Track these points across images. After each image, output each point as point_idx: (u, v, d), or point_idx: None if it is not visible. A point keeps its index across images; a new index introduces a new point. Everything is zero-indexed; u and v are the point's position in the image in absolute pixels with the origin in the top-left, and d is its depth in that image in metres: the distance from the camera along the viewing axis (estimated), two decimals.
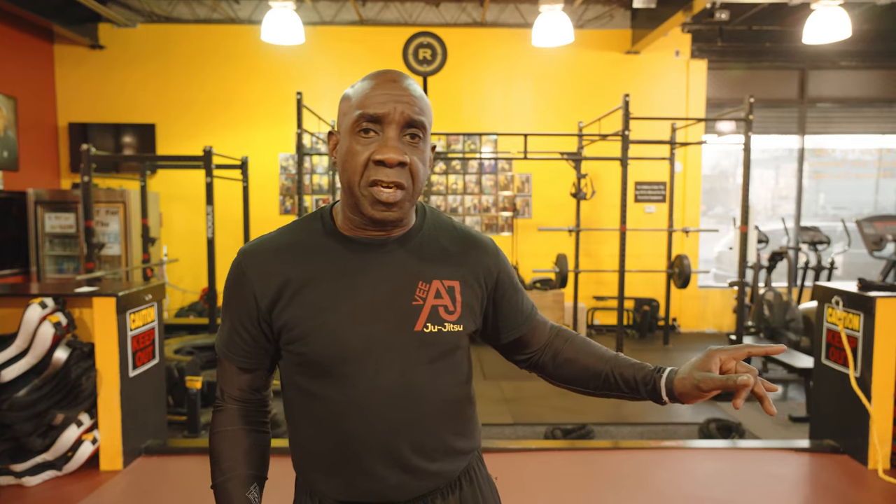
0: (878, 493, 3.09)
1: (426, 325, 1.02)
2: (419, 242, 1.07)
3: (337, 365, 1.00)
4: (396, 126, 0.96)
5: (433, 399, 1.04)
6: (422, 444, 1.04)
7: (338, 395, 1.01)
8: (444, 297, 1.05)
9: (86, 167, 5.17)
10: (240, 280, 1.04)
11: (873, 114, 7.94)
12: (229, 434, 1.08)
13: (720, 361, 0.99)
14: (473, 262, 1.10)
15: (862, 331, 3.29)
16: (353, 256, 1.03)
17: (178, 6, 7.30)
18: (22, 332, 3.00)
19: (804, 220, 8.03)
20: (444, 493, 1.08)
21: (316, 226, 1.07)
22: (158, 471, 3.29)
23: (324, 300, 1.00)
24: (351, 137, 0.98)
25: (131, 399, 3.28)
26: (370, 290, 1.01)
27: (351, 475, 1.03)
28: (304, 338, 1.00)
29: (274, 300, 1.01)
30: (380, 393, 1.01)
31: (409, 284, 1.03)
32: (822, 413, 3.70)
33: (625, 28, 7.52)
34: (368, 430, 1.01)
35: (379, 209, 0.97)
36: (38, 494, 2.99)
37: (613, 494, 3.10)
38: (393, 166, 0.96)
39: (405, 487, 1.04)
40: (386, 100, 0.96)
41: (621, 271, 5.31)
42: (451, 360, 1.07)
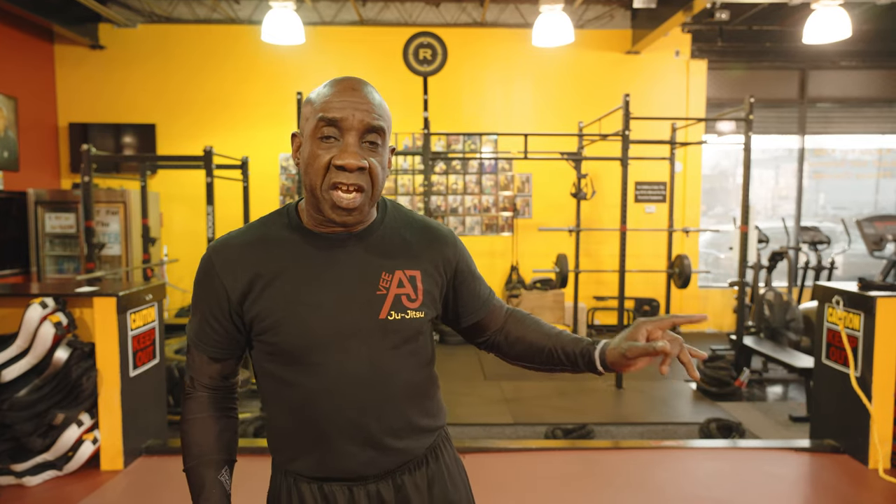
0: (878, 492, 3.09)
1: (390, 312, 1.09)
2: (381, 236, 1.13)
3: (307, 353, 1.06)
4: (356, 132, 1.02)
5: (398, 381, 1.11)
6: (389, 423, 1.11)
7: (309, 380, 1.07)
8: (406, 286, 1.11)
9: (86, 167, 5.17)
10: (210, 274, 1.09)
11: (873, 114, 7.94)
12: (200, 420, 1.13)
13: (647, 332, 1.07)
14: (433, 252, 1.16)
15: (862, 330, 3.29)
16: (319, 251, 1.09)
17: (178, 6, 7.30)
18: (22, 332, 3.00)
19: (804, 220, 8.03)
20: (412, 469, 1.15)
21: (283, 221, 1.12)
22: (159, 471, 3.29)
23: (293, 292, 1.06)
24: (312, 142, 1.03)
25: (132, 399, 3.28)
26: (336, 282, 1.07)
27: (323, 454, 1.09)
28: (276, 328, 1.06)
29: (244, 293, 1.07)
30: (348, 378, 1.07)
31: (372, 275, 1.09)
32: (822, 413, 3.70)
33: (625, 28, 7.52)
34: (338, 412, 1.07)
35: (339, 213, 1.03)
36: (39, 494, 2.99)
37: (614, 494, 3.10)
38: (353, 171, 1.01)
39: (374, 463, 1.11)
40: (345, 106, 1.01)
41: (621, 271, 5.31)
42: (414, 344, 1.13)
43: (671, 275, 6.88)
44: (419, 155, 5.90)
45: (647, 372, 5.82)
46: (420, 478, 1.15)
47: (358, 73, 4.87)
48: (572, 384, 5.35)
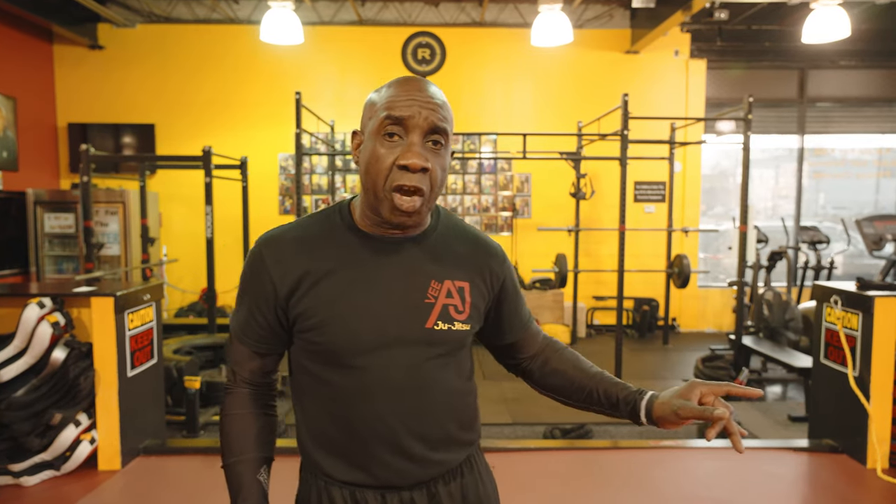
0: (876, 492, 3.09)
1: (437, 322, 1.07)
2: (433, 243, 1.11)
3: (350, 355, 1.04)
4: (420, 131, 0.99)
5: (438, 393, 1.09)
6: (426, 434, 1.08)
7: (348, 383, 1.05)
8: (454, 297, 1.09)
9: (85, 167, 5.17)
10: (258, 268, 1.07)
11: (873, 113, 7.93)
12: (240, 417, 1.12)
13: (700, 393, 1.04)
14: (483, 265, 1.14)
15: (860, 330, 3.29)
16: (370, 252, 1.07)
17: (177, 6, 7.30)
18: (20, 332, 3.00)
19: (805, 219, 8.03)
20: (446, 480, 1.13)
21: (335, 220, 1.10)
22: (157, 471, 3.29)
23: (341, 292, 1.04)
24: (376, 140, 1.00)
25: (129, 399, 3.28)
26: (385, 286, 1.05)
27: (357, 459, 1.07)
28: (320, 327, 1.04)
29: (292, 289, 1.05)
30: (389, 384, 1.05)
31: (422, 283, 1.07)
32: (820, 413, 3.70)
33: (624, 28, 7.52)
34: (376, 418, 1.05)
35: (397, 215, 1.01)
36: (36, 494, 2.98)
37: (613, 494, 3.10)
38: (416, 171, 0.99)
39: (408, 474, 1.08)
40: (412, 104, 0.99)
41: (620, 271, 5.31)
42: (457, 356, 1.12)
43: (670, 275, 6.88)
44: None
45: (645, 372, 5.83)
46: (455, 488, 1.14)
47: (356, 73, 4.94)
48: None
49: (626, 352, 6.40)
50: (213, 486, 3.16)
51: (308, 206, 7.46)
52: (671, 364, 6.14)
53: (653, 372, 5.85)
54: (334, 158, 7.13)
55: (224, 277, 6.93)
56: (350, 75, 7.39)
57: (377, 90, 1.05)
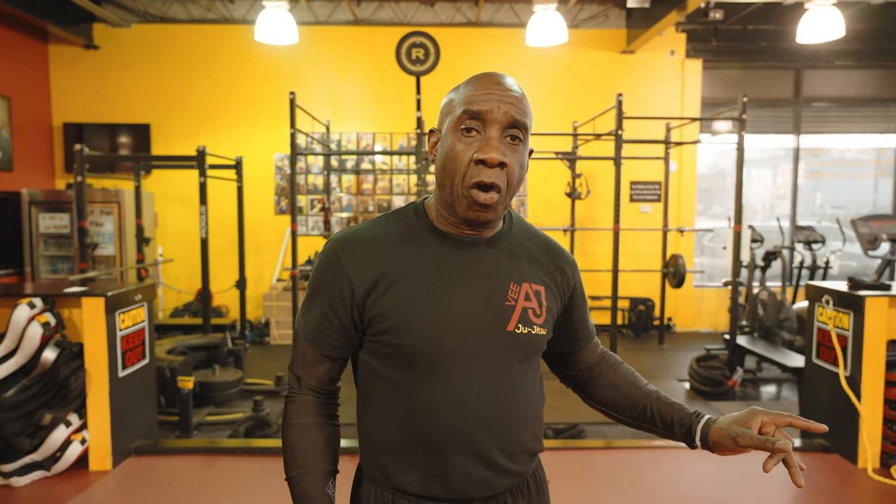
0: (867, 491, 3.09)
1: (517, 325, 1.04)
2: (509, 245, 1.08)
3: (430, 359, 1.00)
4: (499, 126, 0.97)
5: (520, 400, 1.06)
6: (506, 443, 1.05)
7: (428, 388, 1.01)
8: (532, 300, 1.06)
9: (79, 167, 5.16)
10: (335, 268, 1.03)
11: (869, 113, 7.94)
12: (305, 427, 1.07)
13: (761, 422, 1.01)
14: (557, 270, 1.12)
15: (851, 330, 3.29)
16: (448, 253, 1.04)
17: (172, 6, 7.29)
18: (10, 333, 3.00)
19: (803, 219, 8.04)
20: (515, 493, 1.09)
21: (410, 219, 1.07)
22: (148, 471, 3.28)
23: (419, 293, 1.01)
24: (454, 136, 0.99)
25: (121, 399, 3.28)
26: (465, 288, 1.02)
27: (433, 470, 1.03)
28: (398, 329, 1.00)
29: (369, 289, 1.01)
30: (472, 390, 1.01)
31: (502, 284, 1.04)
32: (813, 412, 3.70)
33: (620, 28, 7.52)
34: (458, 426, 1.01)
35: (475, 210, 0.98)
36: (27, 495, 2.98)
37: (606, 494, 3.10)
38: (493, 166, 0.96)
39: (486, 484, 1.04)
40: (490, 98, 0.97)
41: (615, 271, 5.31)
42: (534, 362, 1.10)
43: (666, 274, 6.88)
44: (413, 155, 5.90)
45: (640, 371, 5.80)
46: (522, 500, 1.11)
47: (352, 73, 4.93)
48: None
49: (621, 351, 6.41)
50: (205, 487, 3.16)
51: (304, 207, 7.46)
52: (666, 364, 6.15)
53: (648, 372, 5.85)
54: (330, 158, 7.12)
55: (219, 278, 6.94)
56: (346, 75, 7.39)
57: (455, 89, 1.04)
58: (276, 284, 7.27)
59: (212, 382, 4.64)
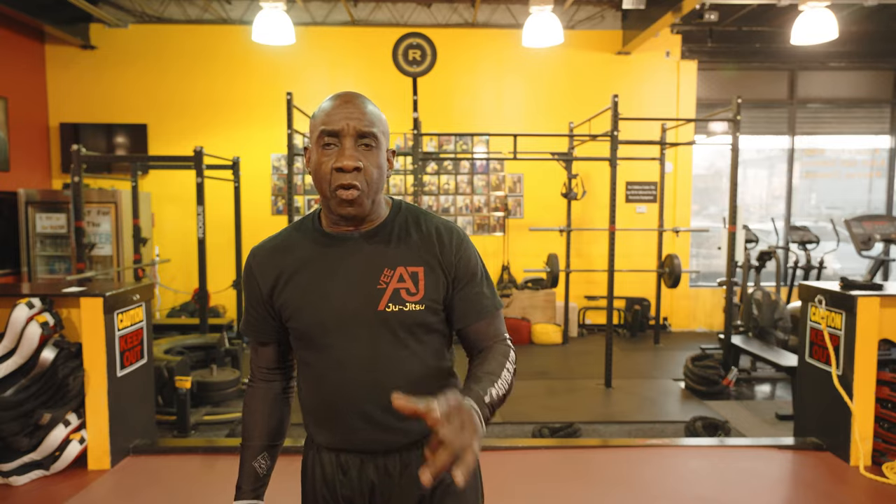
0: (859, 489, 3.13)
1: (388, 305, 1.21)
2: (387, 235, 1.26)
3: (319, 336, 1.24)
4: (351, 138, 1.17)
5: (400, 367, 1.23)
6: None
7: (321, 359, 1.25)
8: (406, 281, 1.23)
9: (76, 167, 5.17)
10: (249, 273, 1.32)
11: (862, 114, 7.99)
12: (252, 410, 1.37)
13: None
14: (438, 251, 1.26)
15: (844, 329, 3.33)
16: (331, 249, 1.25)
17: (169, 6, 7.29)
18: (9, 333, 3.01)
19: (800, 220, 8.09)
20: (419, 448, 1.25)
21: (306, 225, 1.31)
22: (146, 470, 3.30)
23: (308, 285, 1.24)
24: (317, 151, 1.19)
25: (119, 399, 3.29)
26: (343, 276, 1.23)
27: (335, 428, 1.27)
28: (296, 315, 1.25)
29: (272, 287, 1.27)
30: (353, 360, 1.22)
31: (374, 271, 1.23)
32: (806, 411, 3.73)
33: (616, 29, 7.55)
34: (345, 390, 1.24)
35: (342, 207, 1.18)
36: (26, 494, 2.99)
37: (600, 492, 3.13)
38: (349, 171, 1.16)
39: (377, 440, 1.25)
40: (340, 118, 1.17)
41: (610, 271, 5.34)
42: (418, 335, 1.24)
43: (661, 274, 6.92)
44: (410, 155, 5.92)
45: (635, 371, 5.86)
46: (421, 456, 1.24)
47: (349, 74, 4.95)
48: (563, 383, 5.38)
49: (616, 351, 6.44)
50: (203, 486, 3.17)
51: (301, 206, 7.47)
52: (661, 363, 6.18)
53: (642, 371, 5.89)
54: None
55: (216, 278, 6.95)
56: (343, 76, 7.41)
57: (319, 107, 1.22)
58: None
59: (209, 382, 4.66)
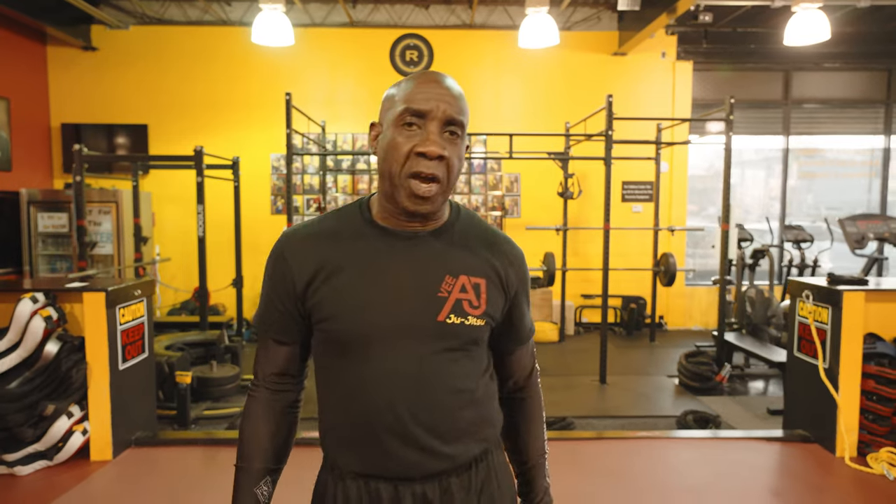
0: (844, 479, 3.20)
1: (449, 315, 1.08)
2: (450, 238, 1.12)
3: (360, 344, 1.07)
4: (438, 122, 1.03)
5: (450, 386, 1.09)
6: (436, 426, 1.08)
7: (360, 372, 1.07)
8: (469, 292, 1.10)
9: (78, 167, 5.24)
10: (279, 260, 1.12)
11: (856, 114, 8.06)
12: (253, 423, 1.17)
13: None
14: (500, 265, 1.14)
15: (830, 323, 3.40)
16: (385, 245, 1.09)
17: (170, 8, 7.37)
18: (13, 326, 3.08)
19: (800, 220, 8.16)
20: (460, 474, 1.12)
21: (354, 214, 1.14)
22: (147, 461, 3.37)
23: (353, 283, 1.07)
24: (395, 130, 1.04)
25: (121, 391, 3.36)
26: (397, 279, 1.07)
27: (369, 451, 1.09)
28: (333, 317, 1.07)
29: (308, 282, 1.09)
30: (399, 375, 1.06)
31: (436, 276, 1.08)
32: (794, 404, 3.81)
33: (612, 30, 7.63)
34: (387, 409, 1.06)
35: (414, 201, 1.04)
36: (30, 484, 3.06)
37: (593, 481, 3.19)
38: (433, 159, 1.02)
39: (419, 466, 1.08)
40: (430, 97, 1.03)
41: (605, 269, 5.41)
42: (471, 351, 1.12)
43: (657, 273, 6.99)
44: None
45: (629, 368, 5.93)
46: (468, 482, 1.13)
47: (348, 75, 5.06)
48: (559, 380, 5.44)
49: (612, 349, 6.51)
50: (202, 477, 3.25)
51: (300, 206, 7.55)
52: (656, 360, 6.25)
53: (637, 368, 5.96)
54: (325, 158, 7.21)
55: (216, 276, 7.02)
56: (341, 76, 7.48)
57: (396, 84, 1.09)
58: None
59: (209, 378, 4.73)
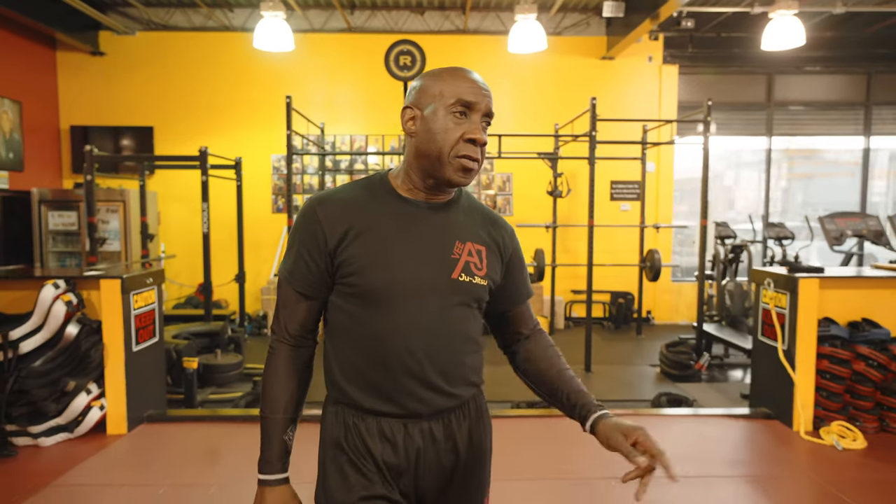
0: (799, 451, 3.48)
1: (461, 274, 1.26)
2: (457, 211, 1.31)
3: (385, 297, 1.21)
4: (480, 114, 1.24)
5: (459, 335, 1.27)
6: (446, 369, 1.26)
7: (384, 321, 1.22)
8: (474, 256, 1.29)
9: (88, 167, 5.52)
10: (311, 221, 1.25)
11: (837, 116, 8.36)
12: (278, 377, 1.29)
13: (636, 440, 1.17)
14: (497, 235, 1.35)
15: (788, 308, 3.68)
16: (405, 213, 1.26)
17: (175, 15, 7.67)
18: (37, 310, 3.36)
19: (791, 218, 8.45)
20: (457, 413, 1.31)
21: (375, 186, 1.30)
22: (158, 436, 3.65)
23: (379, 244, 1.22)
24: (446, 117, 1.21)
25: (134, 371, 3.65)
26: (418, 241, 1.24)
27: (386, 391, 1.23)
28: (362, 272, 1.21)
29: (340, 240, 1.23)
30: (419, 324, 1.23)
31: (449, 241, 1.27)
32: (759, 384, 4.09)
33: (600, 35, 7.92)
34: (407, 353, 1.22)
35: (461, 175, 1.23)
36: (52, 454, 3.35)
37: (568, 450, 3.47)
38: (480, 145, 1.23)
39: (430, 403, 1.25)
40: (476, 92, 1.23)
41: (589, 264, 5.69)
42: (475, 308, 1.31)
43: (643, 268, 7.27)
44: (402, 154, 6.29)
45: (615, 358, 6.21)
46: (464, 421, 1.31)
47: (345, 78, 5.44)
48: None
49: (600, 341, 6.80)
50: (209, 449, 3.53)
51: (299, 205, 7.83)
52: (640, 352, 6.53)
53: (622, 358, 6.24)
54: (324, 159, 7.50)
55: (219, 272, 7.30)
56: (339, 80, 7.78)
57: (432, 76, 1.27)
58: (273, 279, 7.63)
59: (214, 365, 5.01)
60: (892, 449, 3.46)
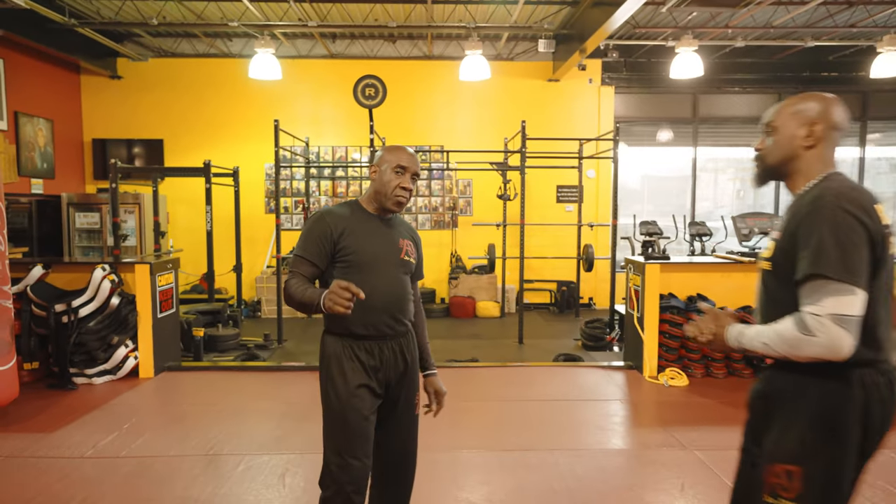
0: (639, 388, 4.79)
1: (404, 256, 2.17)
2: (396, 223, 2.23)
3: (368, 267, 2.07)
4: (410, 173, 2.13)
5: (405, 290, 2.16)
6: (402, 309, 2.14)
7: (367, 279, 2.01)
8: (407, 246, 2.20)
9: (113, 175, 6.79)
10: (323, 221, 2.08)
11: (754, 129, 9.64)
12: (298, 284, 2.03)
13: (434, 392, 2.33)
14: (415, 237, 2.29)
15: (641, 286, 4.98)
16: (373, 222, 2.15)
17: (181, 43, 8.95)
18: (91, 286, 4.66)
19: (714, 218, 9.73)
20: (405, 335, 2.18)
21: (354, 206, 2.16)
22: (176, 380, 4.96)
23: (363, 238, 2.08)
24: (390, 172, 2.10)
25: (159, 332, 4.95)
26: (381, 237, 2.14)
27: (370, 321, 2.07)
28: (354, 252, 2.06)
29: (340, 235, 2.06)
30: (387, 283, 2.10)
31: (395, 238, 2.17)
32: (628, 343, 5.40)
33: (548, 60, 9.20)
34: (381, 298, 2.07)
35: (396, 206, 2.14)
36: (101, 389, 4.65)
37: (475, 391, 4.76)
38: (407, 191, 2.13)
39: (393, 329, 2.12)
40: (410, 161, 2.12)
41: (521, 257, 6.98)
42: (409, 276, 2.21)
43: (580, 260, 8.57)
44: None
45: (549, 334, 7.51)
46: (406, 343, 2.17)
47: (327, 98, 7.43)
48: (487, 341, 7.02)
49: (542, 322, 8.11)
50: (215, 388, 4.83)
51: (288, 207, 9.11)
52: (572, 330, 7.81)
53: (554, 334, 7.54)
54: (309, 168, 8.78)
55: (219, 264, 8.58)
56: (322, 99, 9.06)
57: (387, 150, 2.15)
58: (265, 270, 8.92)
59: (217, 336, 6.30)
60: (707, 386, 4.78)
